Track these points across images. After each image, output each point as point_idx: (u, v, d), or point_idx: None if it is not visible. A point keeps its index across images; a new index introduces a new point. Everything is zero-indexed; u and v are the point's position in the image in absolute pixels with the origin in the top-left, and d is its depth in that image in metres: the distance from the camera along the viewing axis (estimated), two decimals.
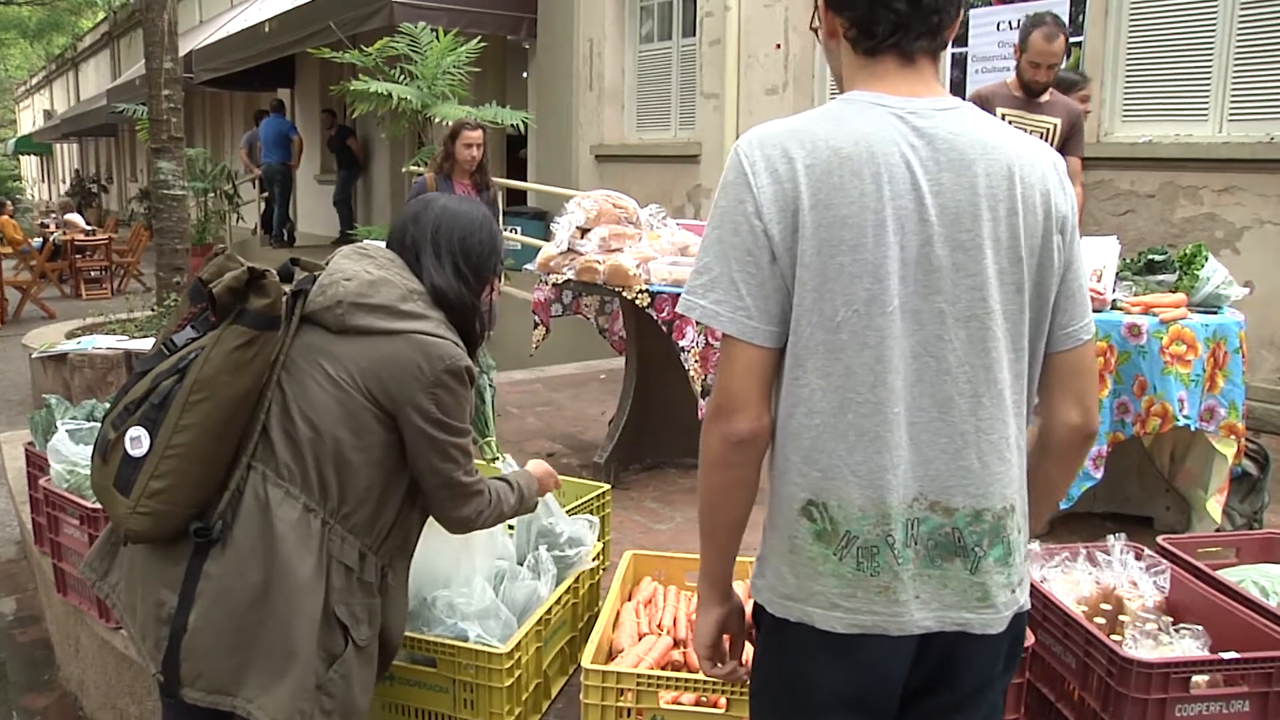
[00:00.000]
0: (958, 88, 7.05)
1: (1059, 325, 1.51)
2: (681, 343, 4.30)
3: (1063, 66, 4.80)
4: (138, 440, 1.82)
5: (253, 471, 1.92)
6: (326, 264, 2.07)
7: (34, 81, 40.79)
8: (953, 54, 7.08)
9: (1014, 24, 6.69)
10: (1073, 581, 2.65)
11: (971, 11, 6.95)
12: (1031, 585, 2.59)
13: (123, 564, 2.01)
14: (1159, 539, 2.86)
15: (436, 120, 8.33)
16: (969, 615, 1.44)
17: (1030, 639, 2.34)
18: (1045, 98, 4.60)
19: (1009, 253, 1.42)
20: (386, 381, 1.94)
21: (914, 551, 1.41)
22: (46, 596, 4.04)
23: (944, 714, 1.51)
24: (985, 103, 4.45)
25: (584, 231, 4.57)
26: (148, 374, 1.90)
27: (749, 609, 1.59)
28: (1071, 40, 6.35)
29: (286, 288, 1.99)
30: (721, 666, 1.62)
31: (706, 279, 1.43)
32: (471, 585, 2.60)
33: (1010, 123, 3.90)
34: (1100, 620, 2.48)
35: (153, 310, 8.35)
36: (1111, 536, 2.74)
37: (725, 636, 1.61)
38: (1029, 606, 1.54)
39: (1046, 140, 4.29)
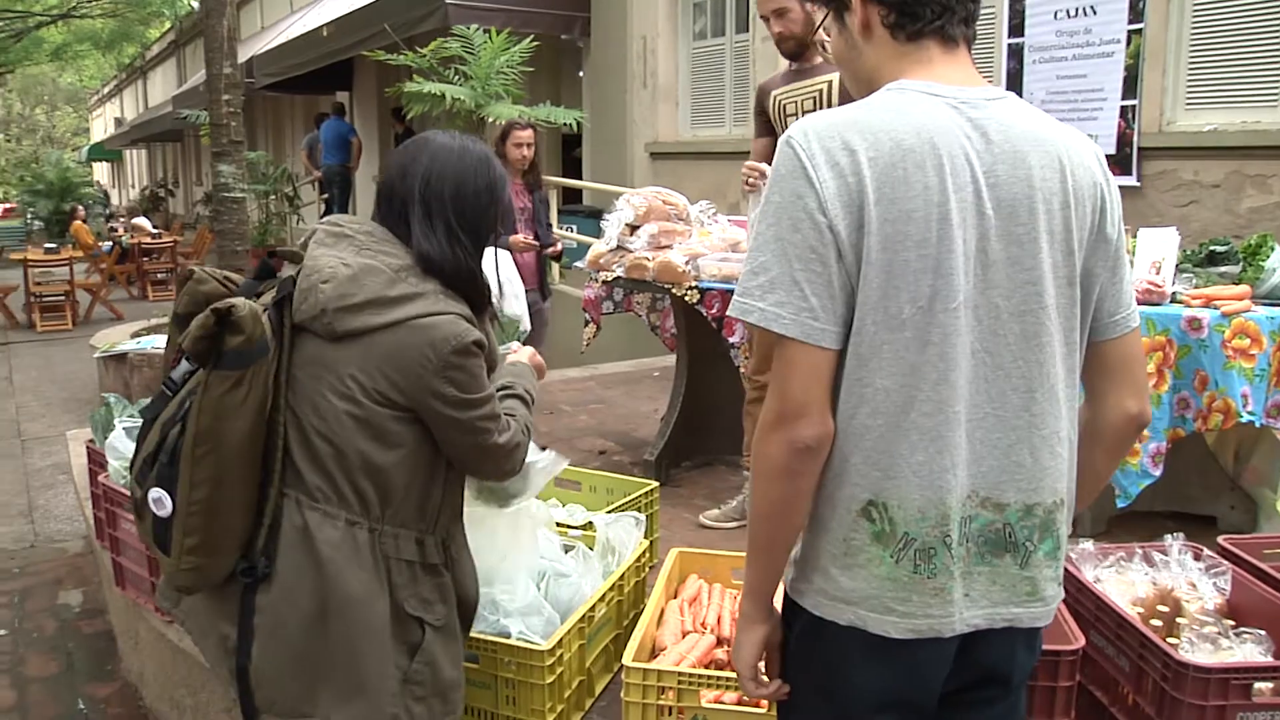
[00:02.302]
0: (1014, 79, 6.93)
1: (1107, 313, 1.48)
2: (731, 339, 4.27)
3: (1070, 50, 4.20)
4: (160, 501, 1.77)
5: (286, 499, 1.85)
6: (304, 248, 1.92)
7: (105, 90, 41.82)
8: (1009, 45, 6.96)
9: (1072, 13, 6.56)
10: (1127, 582, 2.58)
11: (1027, 1, 6.82)
12: (1084, 585, 2.55)
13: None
14: (1220, 539, 2.77)
15: (490, 120, 8.37)
16: (1018, 610, 1.43)
17: (1081, 640, 2.28)
18: (819, 59, 3.71)
19: (1062, 246, 1.40)
20: (396, 379, 1.82)
21: (965, 549, 1.39)
22: (108, 590, 4.13)
23: (989, 706, 1.50)
24: (763, 95, 3.85)
25: (633, 228, 4.56)
26: (155, 421, 1.82)
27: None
28: (1132, 27, 6.23)
29: (266, 298, 1.87)
30: (765, 687, 1.55)
31: (764, 279, 1.36)
32: (515, 582, 2.60)
33: (782, 104, 3.70)
34: (1156, 623, 2.41)
35: None
36: (1169, 536, 2.66)
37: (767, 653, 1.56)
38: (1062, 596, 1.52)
39: (825, 99, 3.58)
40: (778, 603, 1.55)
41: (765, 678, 1.55)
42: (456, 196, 1.90)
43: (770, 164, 4.19)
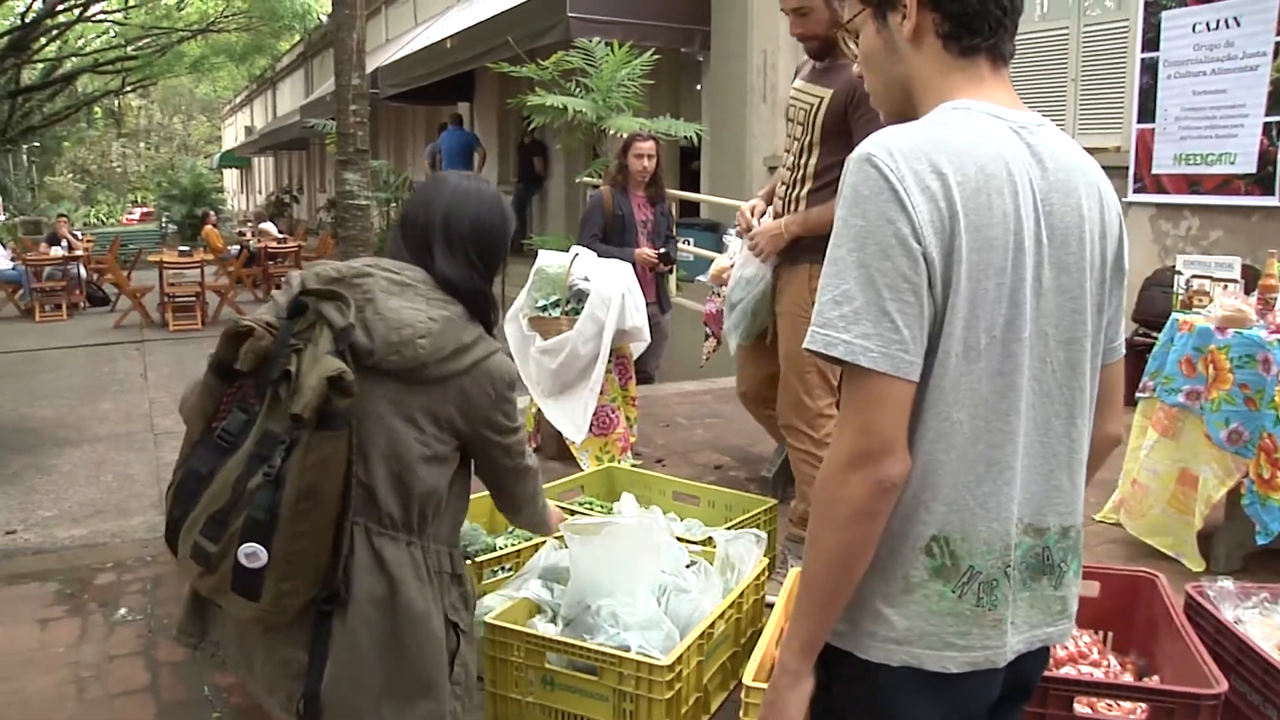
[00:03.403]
0: (1148, 96, 6.71)
1: (1108, 340, 1.50)
2: None
3: (1209, 64, 3.84)
4: (254, 555, 1.77)
5: (357, 528, 1.92)
6: (354, 283, 1.94)
7: (237, 100, 43.50)
8: (1142, 60, 6.74)
9: (1213, 25, 6.33)
10: (1273, 625, 2.47)
11: (1164, 14, 6.60)
12: (1225, 626, 2.44)
13: (223, 622, 2.01)
14: None
15: (610, 132, 8.44)
16: (1051, 629, 1.45)
17: (1224, 684, 2.18)
18: (837, 62, 3.37)
19: (1097, 274, 1.41)
20: (464, 412, 2.01)
21: (1013, 577, 1.39)
22: None
23: (1011, 714, 1.53)
24: (797, 75, 3.62)
25: None
26: (215, 474, 1.81)
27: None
28: None
29: (324, 343, 1.85)
30: None
31: (848, 310, 1.26)
32: (635, 595, 2.60)
33: (788, 102, 3.53)
34: None
35: None
36: None
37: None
38: None
39: (811, 118, 3.34)
40: None
41: None
42: (475, 229, 2.08)
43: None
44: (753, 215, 3.71)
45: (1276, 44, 5.98)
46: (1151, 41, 6.70)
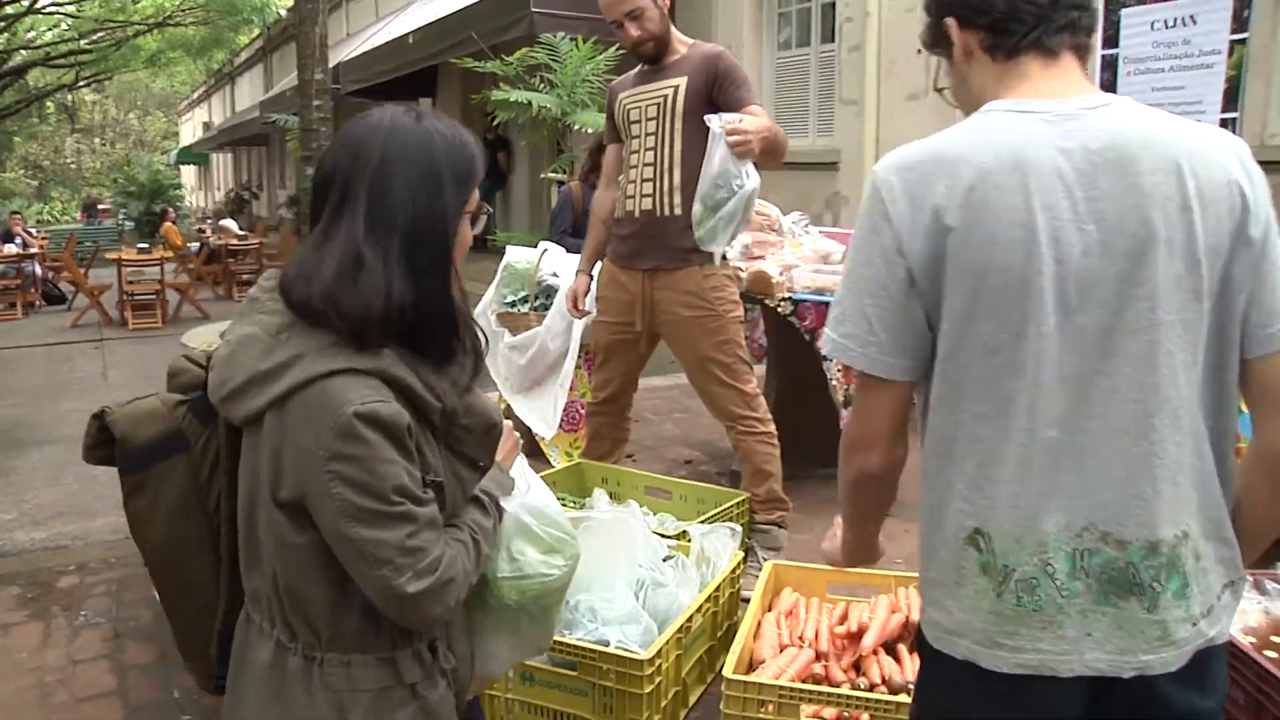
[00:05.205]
0: (1109, 90, 6.78)
1: (1257, 325, 1.36)
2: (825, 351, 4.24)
3: (1167, 61, 3.91)
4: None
5: (244, 607, 1.61)
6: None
7: (195, 96, 42.96)
8: (1103, 56, 6.83)
9: (1170, 23, 6.42)
10: (1238, 610, 2.51)
11: (1123, 11, 6.69)
12: None
13: None
14: None
15: (575, 128, 8.42)
16: (1148, 657, 1.34)
17: None
18: (673, 57, 3.48)
19: (1184, 255, 1.30)
20: (294, 475, 1.40)
21: (1084, 585, 1.33)
22: None
23: None
24: (612, 98, 3.70)
25: None
26: None
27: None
28: (1235, 37, 6.06)
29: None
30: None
31: (838, 311, 1.40)
32: (613, 590, 2.61)
33: (626, 109, 3.54)
34: (1271, 654, 2.33)
35: None
36: None
37: None
38: (1225, 637, 1.42)
39: (669, 107, 3.39)
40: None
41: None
42: (378, 181, 1.47)
43: (619, 174, 4.07)
44: (580, 299, 3.74)
45: (1231, 43, 6.08)
46: (1111, 39, 6.79)
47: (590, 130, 7.73)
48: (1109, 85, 6.80)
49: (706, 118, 3.17)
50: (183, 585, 1.62)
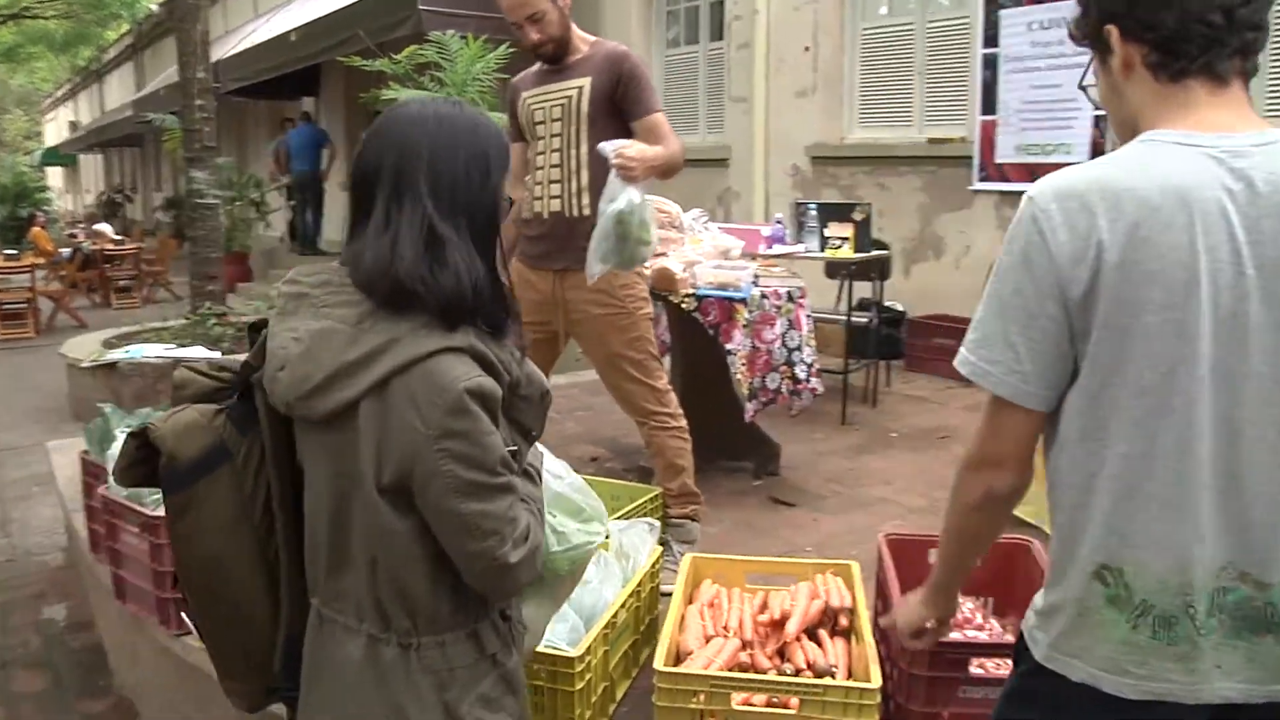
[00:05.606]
0: (990, 88, 7.04)
1: None
2: (729, 346, 4.31)
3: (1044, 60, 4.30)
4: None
5: (312, 608, 1.64)
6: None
7: (59, 93, 41.19)
8: (983, 55, 7.08)
9: (1046, 24, 6.68)
10: None
11: (1001, 11, 6.93)
12: None
13: None
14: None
15: None
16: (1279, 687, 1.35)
17: None
18: (575, 57, 3.50)
19: None
20: (401, 460, 1.44)
21: (1218, 621, 1.33)
22: (100, 603, 4.08)
23: None
24: (514, 96, 3.67)
25: None
26: None
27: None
28: None
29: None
30: (921, 641, 1.79)
31: (979, 335, 1.39)
32: None
33: (531, 109, 3.53)
34: None
35: (186, 318, 8.42)
36: None
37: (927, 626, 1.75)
38: None
39: (574, 108, 3.42)
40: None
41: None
42: (433, 167, 1.50)
43: (526, 173, 4.03)
44: None
45: None
46: (991, 38, 7.04)
47: None
48: (990, 83, 7.05)
49: (599, 146, 3.18)
50: (231, 602, 1.61)
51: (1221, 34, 1.31)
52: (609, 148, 3.13)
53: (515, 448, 1.53)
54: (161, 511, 3.22)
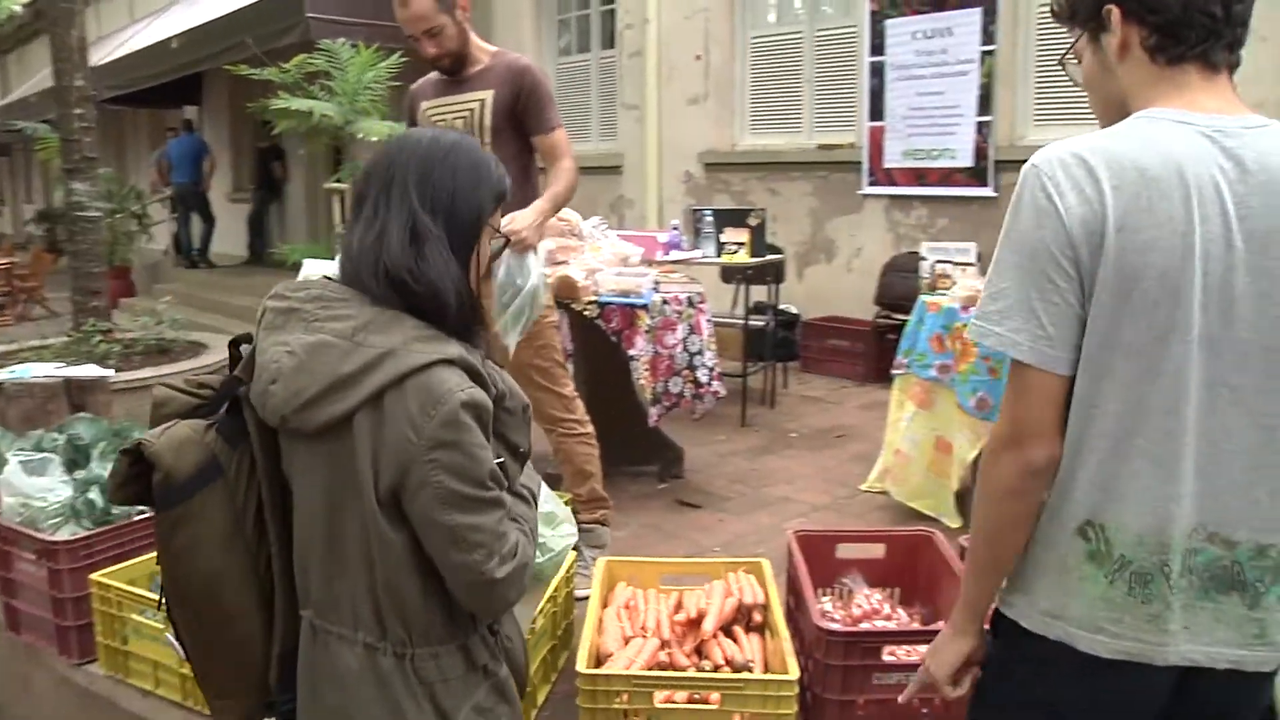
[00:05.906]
0: (877, 95, 7.25)
1: None
2: (631, 352, 4.36)
3: (928, 69, 4.36)
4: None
5: (303, 620, 1.65)
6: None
7: None
8: (870, 63, 7.28)
9: (929, 33, 6.91)
10: None
11: (887, 22, 7.15)
12: None
13: None
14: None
15: (359, 136, 8.25)
16: (1242, 652, 1.39)
17: None
18: (475, 68, 3.50)
19: None
20: (396, 470, 1.46)
21: (1188, 581, 1.38)
22: None
23: None
24: (414, 103, 3.66)
25: None
26: None
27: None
28: (985, 49, 6.59)
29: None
30: (958, 690, 1.60)
31: (1002, 305, 1.39)
32: None
33: (431, 119, 3.53)
34: None
35: (68, 335, 8.11)
36: None
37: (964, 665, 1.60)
38: None
39: (476, 121, 3.42)
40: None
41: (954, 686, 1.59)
42: (422, 178, 1.56)
43: None
44: None
45: (982, 53, 6.62)
46: (878, 46, 7.26)
47: (374, 139, 7.61)
48: (878, 90, 7.26)
49: None
50: (225, 618, 1.60)
51: (1220, 26, 1.38)
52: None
53: (502, 459, 1.56)
54: (60, 537, 3.18)
